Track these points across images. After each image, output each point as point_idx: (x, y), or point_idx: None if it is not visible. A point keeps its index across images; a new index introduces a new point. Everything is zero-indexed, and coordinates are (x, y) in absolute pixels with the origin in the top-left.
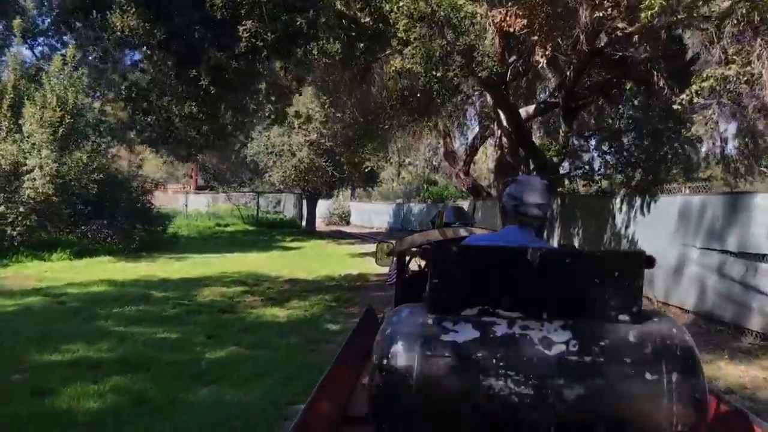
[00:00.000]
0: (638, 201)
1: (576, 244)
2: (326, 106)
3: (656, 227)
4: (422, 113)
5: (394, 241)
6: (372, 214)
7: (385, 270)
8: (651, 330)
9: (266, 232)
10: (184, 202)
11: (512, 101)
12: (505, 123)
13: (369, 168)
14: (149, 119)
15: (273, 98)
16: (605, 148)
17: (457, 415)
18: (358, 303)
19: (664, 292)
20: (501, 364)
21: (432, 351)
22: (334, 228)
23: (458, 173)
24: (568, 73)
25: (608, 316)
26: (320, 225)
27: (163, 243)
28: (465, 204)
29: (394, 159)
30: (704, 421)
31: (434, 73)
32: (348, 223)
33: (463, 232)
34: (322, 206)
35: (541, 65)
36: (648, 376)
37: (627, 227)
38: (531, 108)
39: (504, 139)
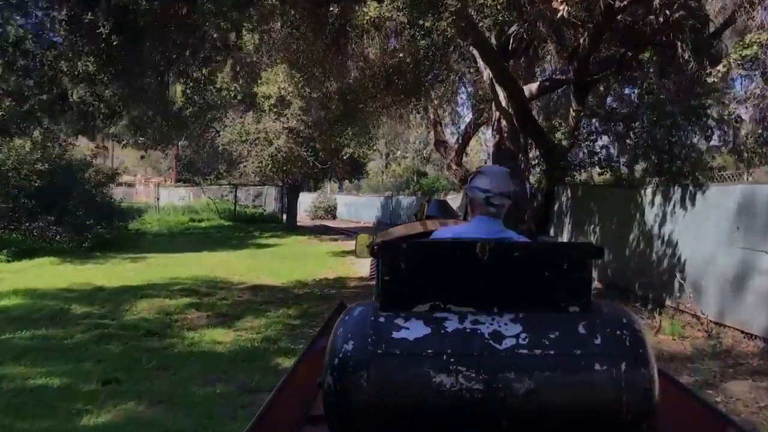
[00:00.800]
0: (676, 193)
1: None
2: (300, 86)
3: (703, 226)
4: (409, 93)
5: (375, 235)
6: (359, 207)
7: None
8: (601, 320)
9: (243, 228)
10: (156, 195)
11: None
12: (504, 103)
13: (348, 155)
14: (30, 81)
15: (204, 53)
16: (620, 129)
17: (409, 413)
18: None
19: (717, 310)
20: (452, 359)
21: (383, 349)
22: (319, 222)
23: (450, 164)
24: (582, 40)
25: (558, 308)
26: (305, 219)
27: (124, 241)
28: (457, 197)
29: (380, 149)
30: (654, 409)
31: (422, 22)
32: (334, 217)
33: (441, 224)
34: (307, 200)
35: (547, 32)
36: (597, 366)
37: (661, 225)
38: (534, 86)
39: (503, 123)
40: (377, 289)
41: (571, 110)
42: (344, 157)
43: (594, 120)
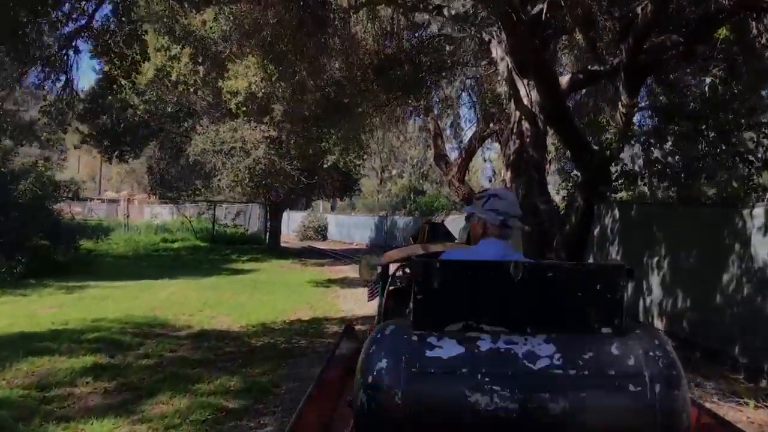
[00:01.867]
0: None
1: (668, 285)
2: (273, 78)
3: None
4: (406, 89)
5: (376, 257)
6: (352, 228)
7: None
8: (633, 342)
9: (220, 250)
10: (125, 212)
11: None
12: (526, 101)
13: (331, 164)
14: None
15: None
16: (685, 130)
17: None
18: (287, 401)
19: None
20: (486, 379)
21: (417, 368)
22: (308, 244)
23: (451, 180)
24: (641, 8)
25: (591, 329)
26: (292, 240)
27: (73, 265)
28: (460, 217)
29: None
30: (687, 431)
31: None
32: (325, 238)
33: (443, 247)
34: (297, 219)
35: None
36: (631, 388)
37: None
38: (564, 80)
39: (525, 125)
40: (379, 311)
41: (619, 106)
42: (325, 166)
43: (649, 119)
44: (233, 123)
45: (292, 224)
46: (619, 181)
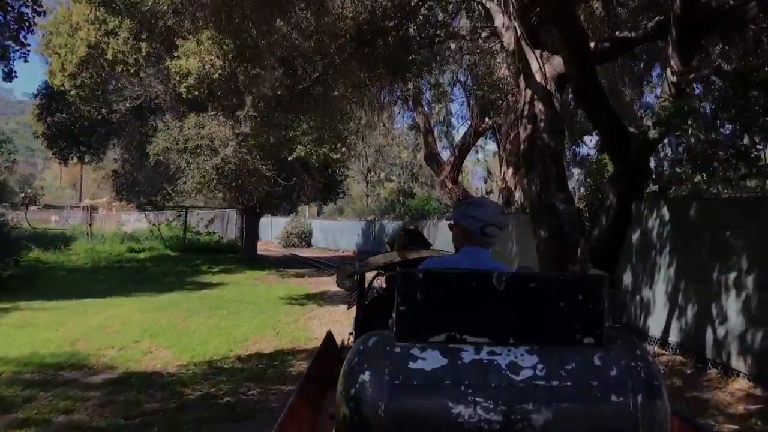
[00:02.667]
0: None
1: (753, 311)
2: (229, 56)
3: None
4: (390, 65)
5: (356, 264)
6: (337, 234)
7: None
8: (615, 352)
9: (191, 260)
10: (88, 220)
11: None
12: (539, 77)
13: (298, 155)
14: None
15: None
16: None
17: None
18: None
19: None
20: (469, 391)
21: (400, 380)
22: (290, 252)
23: (444, 181)
24: None
25: (573, 340)
26: (275, 248)
27: (12, 281)
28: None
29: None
30: None
31: None
32: (309, 245)
33: (424, 254)
34: (280, 225)
35: None
36: (613, 398)
37: None
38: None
39: (538, 107)
40: (356, 320)
41: (668, 75)
42: (289, 158)
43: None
44: (199, 118)
45: (276, 231)
46: (677, 169)
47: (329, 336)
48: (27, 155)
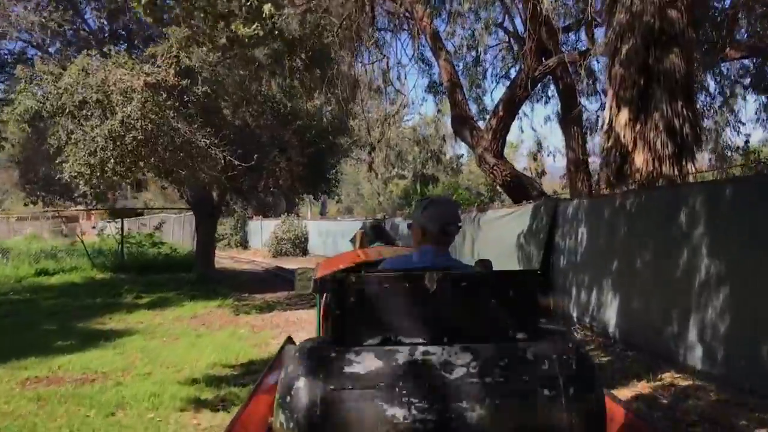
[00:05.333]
0: None
1: None
2: None
3: None
4: None
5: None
6: (338, 236)
7: None
8: (548, 346)
9: (119, 285)
10: None
11: None
12: None
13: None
14: None
15: None
16: None
17: None
18: None
19: None
20: (404, 392)
21: (335, 384)
22: (278, 262)
23: (482, 155)
24: None
25: (506, 336)
26: (261, 258)
27: None
28: (506, 214)
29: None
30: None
31: None
32: (305, 252)
33: (385, 252)
34: (271, 229)
35: None
36: (546, 392)
37: None
38: None
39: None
40: (318, 326)
41: None
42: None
43: None
44: (87, 59)
45: (267, 235)
46: None
47: (289, 339)
48: None
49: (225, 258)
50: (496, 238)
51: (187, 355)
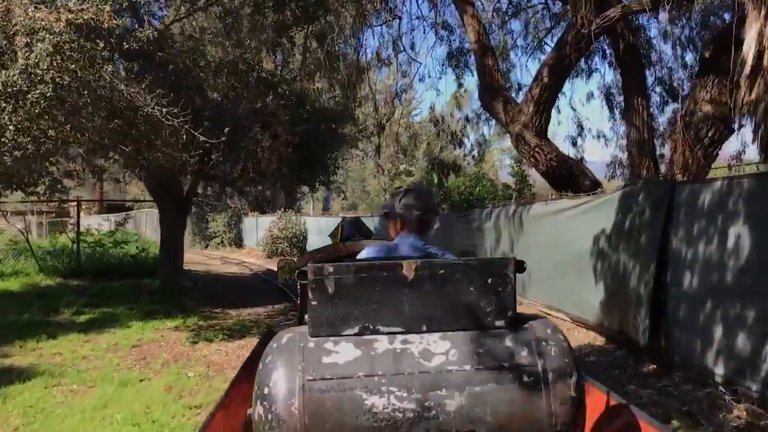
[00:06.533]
0: None
1: None
2: None
3: None
4: None
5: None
6: None
7: None
8: (527, 334)
9: (63, 296)
10: None
11: None
12: None
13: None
14: None
15: None
16: None
17: None
18: None
19: None
20: (383, 381)
21: (314, 375)
22: (273, 263)
23: (521, 134)
24: None
25: (485, 323)
26: (254, 259)
27: None
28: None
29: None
30: (582, 417)
31: None
32: (303, 252)
33: (364, 245)
34: (265, 226)
35: None
36: (525, 379)
37: None
38: None
39: None
40: (300, 313)
41: None
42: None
43: None
44: None
45: (262, 233)
46: None
47: (268, 331)
48: None
49: (214, 258)
50: (553, 240)
51: (80, 430)
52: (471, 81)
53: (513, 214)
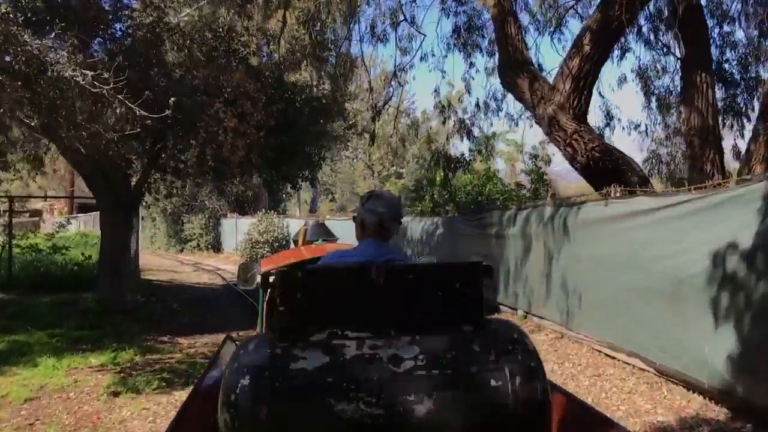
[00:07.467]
0: None
1: None
2: None
3: None
4: None
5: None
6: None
7: None
8: (494, 337)
9: None
10: None
11: None
12: None
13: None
14: None
15: None
16: None
17: None
18: None
19: None
20: (352, 387)
21: (281, 381)
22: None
23: (555, 117)
24: None
25: (453, 327)
26: (234, 262)
27: None
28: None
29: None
30: (548, 421)
31: None
32: None
33: (328, 249)
34: (245, 229)
35: None
36: (493, 383)
37: None
38: None
39: None
40: (261, 322)
41: None
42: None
43: None
44: None
45: (241, 236)
46: None
47: (228, 338)
48: None
49: (186, 264)
50: (619, 255)
51: None
52: (480, 62)
53: (551, 219)
